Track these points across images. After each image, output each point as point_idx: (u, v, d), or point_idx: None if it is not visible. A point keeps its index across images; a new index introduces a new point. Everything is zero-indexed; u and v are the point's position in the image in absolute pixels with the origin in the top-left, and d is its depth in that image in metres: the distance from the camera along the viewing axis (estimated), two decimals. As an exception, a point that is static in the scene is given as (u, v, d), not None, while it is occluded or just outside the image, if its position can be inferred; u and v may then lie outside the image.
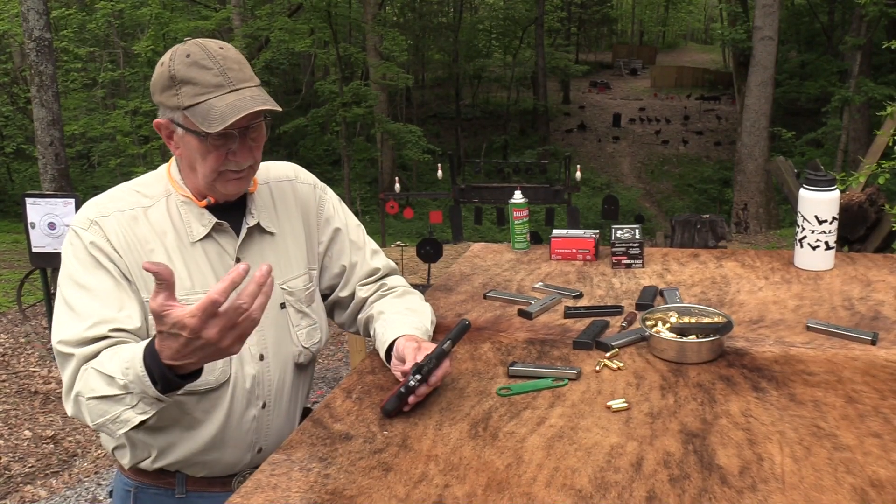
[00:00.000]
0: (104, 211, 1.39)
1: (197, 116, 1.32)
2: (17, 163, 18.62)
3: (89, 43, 17.37)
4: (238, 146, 1.36)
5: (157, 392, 1.20)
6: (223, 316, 1.11)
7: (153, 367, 1.19)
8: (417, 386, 1.30)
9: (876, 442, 1.18)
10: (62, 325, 1.33)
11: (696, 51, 48.55)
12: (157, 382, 1.20)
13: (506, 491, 1.08)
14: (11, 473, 4.22)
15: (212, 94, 1.32)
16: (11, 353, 6.12)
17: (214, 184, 1.40)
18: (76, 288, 1.35)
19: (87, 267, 1.36)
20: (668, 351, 1.51)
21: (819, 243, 1.99)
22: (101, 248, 1.36)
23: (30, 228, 5.47)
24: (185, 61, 1.33)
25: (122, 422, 1.25)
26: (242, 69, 1.37)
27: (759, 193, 15.04)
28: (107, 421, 1.26)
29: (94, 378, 1.26)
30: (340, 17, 18.88)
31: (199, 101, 1.32)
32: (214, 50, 1.35)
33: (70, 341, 1.30)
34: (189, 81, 1.33)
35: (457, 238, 8.89)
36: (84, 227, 1.38)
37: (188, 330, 1.11)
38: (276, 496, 1.11)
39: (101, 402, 1.25)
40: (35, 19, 6.66)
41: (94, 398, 1.26)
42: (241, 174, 1.40)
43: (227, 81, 1.33)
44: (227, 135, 1.34)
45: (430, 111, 30.17)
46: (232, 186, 1.41)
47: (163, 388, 1.20)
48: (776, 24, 14.62)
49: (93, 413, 1.27)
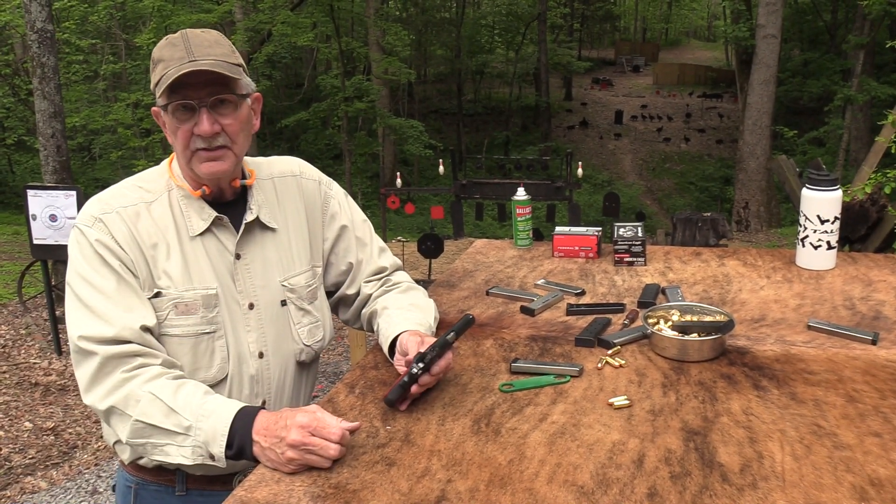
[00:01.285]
0: (107, 208, 1.39)
1: (158, 88, 1.35)
2: (19, 154, 18.60)
3: (91, 35, 17.33)
4: (201, 118, 1.35)
5: (224, 455, 1.23)
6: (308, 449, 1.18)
7: (240, 431, 1.23)
8: (420, 374, 1.30)
9: (876, 441, 1.18)
10: (81, 322, 1.33)
11: (698, 48, 48.45)
12: (231, 447, 1.23)
13: (508, 486, 1.09)
14: (12, 465, 4.23)
15: (173, 66, 1.33)
16: (12, 345, 6.13)
17: (191, 165, 1.40)
18: (88, 286, 1.35)
19: (95, 266, 1.36)
20: (670, 349, 1.51)
21: (821, 243, 1.99)
22: (106, 246, 1.36)
23: (31, 220, 5.48)
24: (163, 44, 1.37)
25: (163, 453, 1.28)
26: (213, 47, 1.37)
27: (760, 192, 15.04)
28: (146, 444, 1.29)
29: (149, 403, 1.27)
30: (343, 11, 18.82)
31: (163, 74, 1.34)
32: (195, 34, 1.38)
33: (93, 338, 1.31)
34: (161, 59, 1.36)
35: (458, 234, 8.90)
36: (88, 224, 1.38)
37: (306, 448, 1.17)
38: (279, 490, 1.11)
39: (149, 429, 1.27)
40: (37, 11, 6.65)
41: (143, 423, 1.27)
42: (213, 153, 1.38)
43: (188, 55, 1.34)
44: (188, 107, 1.35)
45: (432, 106, 30.13)
46: (206, 167, 1.39)
47: (233, 455, 1.24)
48: (779, 22, 14.59)
49: (134, 432, 1.29)
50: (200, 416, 1.25)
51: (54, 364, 5.72)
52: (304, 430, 1.17)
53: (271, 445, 1.19)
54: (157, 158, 13.66)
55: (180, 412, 1.26)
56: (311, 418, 1.19)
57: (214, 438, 1.24)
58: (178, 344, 1.39)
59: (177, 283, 1.39)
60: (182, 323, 1.39)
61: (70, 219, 5.46)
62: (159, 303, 1.38)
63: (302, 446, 1.16)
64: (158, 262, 1.39)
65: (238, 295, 1.45)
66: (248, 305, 1.46)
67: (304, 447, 1.16)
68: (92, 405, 1.32)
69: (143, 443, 1.29)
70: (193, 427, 1.25)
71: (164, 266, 1.39)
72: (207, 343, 1.41)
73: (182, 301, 1.39)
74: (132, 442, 1.30)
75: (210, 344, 1.41)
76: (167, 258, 1.40)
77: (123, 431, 1.30)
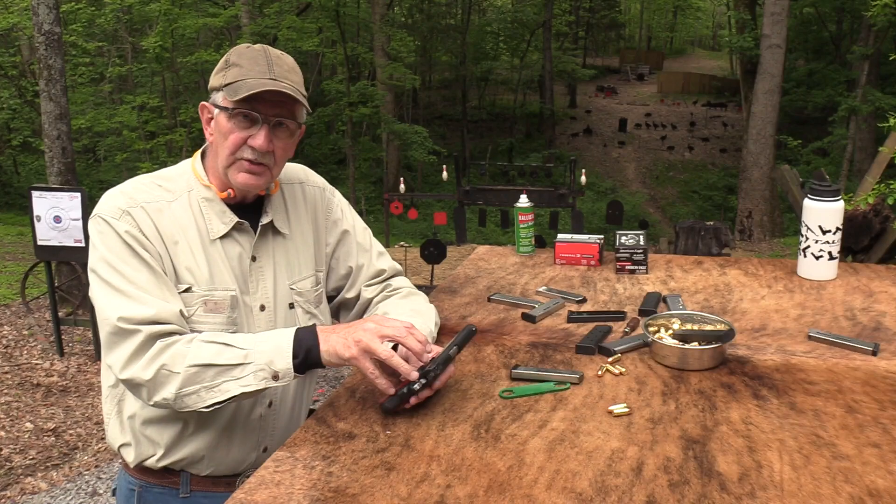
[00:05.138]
0: (132, 202, 1.40)
1: (230, 91, 1.38)
2: (24, 156, 18.67)
3: (98, 38, 17.42)
4: (260, 132, 1.39)
5: (291, 365, 1.27)
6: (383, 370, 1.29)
7: (304, 338, 1.29)
8: (420, 390, 1.31)
9: (875, 452, 1.19)
10: (118, 305, 1.32)
11: (703, 57, 48.52)
12: (297, 356, 1.27)
13: (507, 493, 1.09)
14: (12, 465, 4.24)
15: (252, 77, 1.38)
16: (14, 346, 6.14)
17: (228, 170, 1.42)
18: (118, 275, 1.34)
19: (125, 257, 1.35)
20: (671, 357, 1.52)
21: (822, 253, 1.99)
22: (136, 238, 1.37)
23: (35, 221, 5.49)
24: (244, 51, 1.42)
25: (218, 391, 1.28)
26: (291, 74, 1.42)
27: (763, 201, 15.04)
28: (200, 389, 1.28)
29: (199, 348, 1.29)
30: (349, 16, 18.90)
31: (238, 80, 1.38)
32: (276, 53, 1.43)
33: (133, 319, 1.30)
34: (238, 65, 1.40)
35: (460, 240, 8.90)
36: (115, 216, 1.38)
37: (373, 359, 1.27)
38: (279, 493, 1.12)
39: (203, 370, 1.28)
40: (45, 13, 6.68)
41: (197, 365, 1.28)
42: (256, 167, 1.41)
43: (270, 72, 1.39)
44: (251, 117, 1.38)
45: (437, 112, 30.19)
46: (242, 178, 1.42)
47: (300, 363, 1.28)
48: (784, 32, 14.62)
49: (185, 380, 1.28)
50: (257, 342, 1.29)
51: (56, 365, 5.73)
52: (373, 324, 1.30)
53: (341, 333, 1.29)
54: (162, 161, 13.71)
55: (235, 345, 1.29)
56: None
57: (279, 352, 1.27)
58: None
59: (200, 282, 1.40)
60: (210, 320, 1.40)
61: (74, 220, 5.47)
62: (189, 297, 1.39)
63: (375, 331, 1.26)
64: (180, 260, 1.40)
65: (251, 297, 1.47)
66: (259, 307, 1.47)
67: (377, 331, 1.27)
68: (133, 377, 1.30)
69: (196, 389, 1.28)
70: (252, 352, 1.28)
71: (186, 264, 1.40)
72: None
73: (212, 299, 1.41)
74: (184, 391, 1.28)
75: None
76: (189, 257, 1.41)
77: (172, 386, 1.28)
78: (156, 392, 1.30)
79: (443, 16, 31.03)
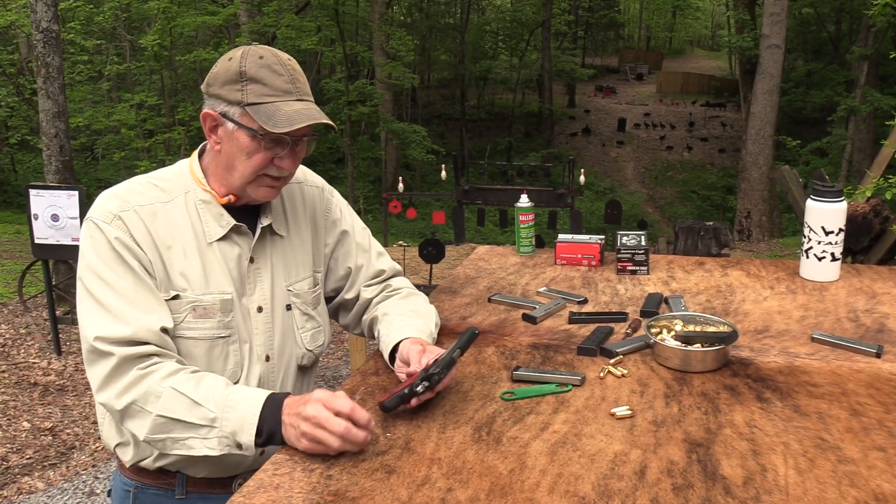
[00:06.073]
0: (125, 206, 1.38)
1: (261, 115, 1.34)
2: (22, 154, 18.62)
3: (96, 35, 17.36)
4: (286, 153, 1.39)
5: (253, 443, 1.24)
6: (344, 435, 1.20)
7: (269, 418, 1.24)
8: (423, 392, 1.30)
9: (880, 455, 1.17)
10: (96, 322, 1.31)
11: (702, 57, 48.54)
12: (260, 434, 1.24)
13: (509, 496, 1.08)
14: (9, 464, 4.22)
15: (280, 98, 1.35)
16: (12, 344, 6.12)
17: (247, 186, 1.41)
18: (103, 285, 1.33)
19: (112, 264, 1.34)
20: (673, 359, 1.51)
21: (825, 254, 1.98)
22: (125, 245, 1.34)
23: (33, 220, 5.48)
24: (257, 62, 1.36)
25: (183, 446, 1.27)
26: (306, 84, 1.41)
27: (762, 201, 15.04)
28: (167, 439, 1.27)
29: (171, 398, 1.26)
30: (348, 15, 18.88)
31: (266, 101, 1.34)
32: (285, 59, 1.39)
33: (109, 339, 1.29)
34: (259, 80, 1.35)
35: (459, 239, 8.89)
36: (107, 220, 1.35)
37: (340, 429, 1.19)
38: (278, 496, 1.10)
39: (171, 424, 1.26)
40: (43, 11, 6.66)
41: (164, 417, 1.26)
42: (277, 182, 1.42)
43: (295, 90, 1.37)
44: (280, 140, 1.37)
45: (436, 111, 30.18)
46: (263, 192, 1.42)
47: (263, 442, 1.24)
48: (783, 32, 14.62)
49: (154, 428, 1.27)
50: (227, 407, 1.26)
51: (53, 364, 5.72)
52: (319, 404, 1.20)
53: (291, 422, 1.22)
54: (160, 160, 13.69)
55: (204, 404, 1.26)
56: (329, 396, 1.22)
57: (243, 427, 1.24)
58: (194, 346, 1.38)
59: (194, 286, 1.39)
60: (199, 326, 1.39)
61: (72, 219, 5.45)
62: (177, 305, 1.37)
63: (314, 419, 1.19)
64: (174, 264, 1.38)
65: (248, 299, 1.45)
66: (256, 309, 1.46)
67: (315, 421, 1.19)
68: (106, 403, 1.30)
69: (164, 438, 1.27)
70: (219, 418, 1.25)
71: (179, 268, 1.38)
72: (222, 347, 1.41)
73: (201, 304, 1.39)
74: (151, 438, 1.28)
75: (225, 348, 1.41)
76: (182, 261, 1.39)
77: (142, 428, 1.28)
78: (126, 423, 1.31)
79: (442, 15, 30.99)
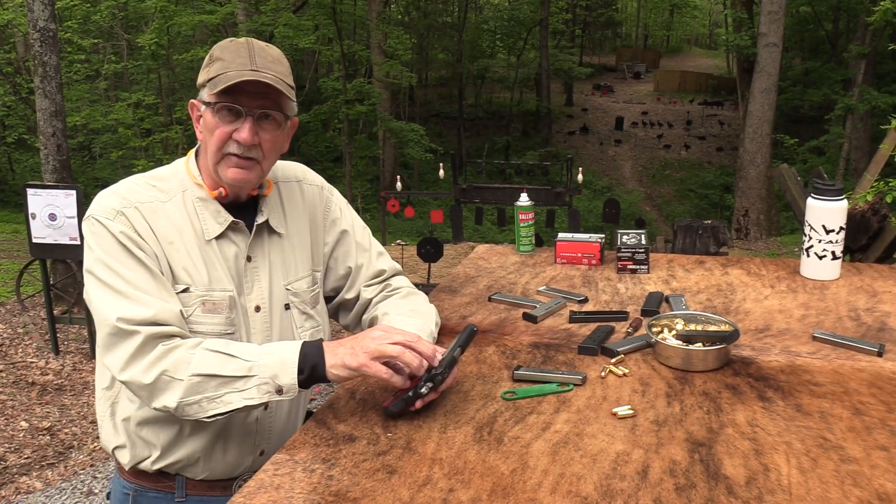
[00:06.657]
0: (126, 203, 1.38)
1: (212, 85, 1.36)
2: (19, 153, 18.58)
3: (93, 34, 17.31)
4: (244, 125, 1.37)
5: (296, 381, 1.26)
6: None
7: (309, 353, 1.27)
8: (427, 393, 1.30)
9: (883, 455, 1.17)
10: (117, 305, 1.30)
11: (700, 56, 48.56)
12: (302, 372, 1.26)
13: (511, 496, 1.07)
14: (7, 464, 4.21)
15: (234, 69, 1.35)
16: (9, 344, 6.10)
17: (218, 167, 1.40)
18: (116, 276, 1.32)
19: (120, 257, 1.33)
20: (674, 358, 1.50)
21: (826, 253, 1.98)
22: (131, 238, 1.34)
23: (30, 219, 5.46)
24: (226, 45, 1.39)
25: (221, 402, 1.26)
26: (275, 64, 1.39)
27: (760, 200, 15.05)
28: (202, 400, 1.26)
29: (203, 357, 1.27)
30: (345, 13, 18.83)
31: (220, 73, 1.35)
32: (260, 45, 1.40)
33: (132, 320, 1.28)
34: (221, 59, 1.37)
35: (457, 238, 8.89)
36: (109, 217, 1.35)
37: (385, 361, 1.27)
38: (279, 497, 1.10)
39: (206, 381, 1.26)
40: (40, 9, 6.63)
41: (198, 375, 1.26)
42: (244, 161, 1.39)
43: (251, 62, 1.36)
44: (234, 110, 1.36)
45: (433, 110, 30.15)
46: (232, 173, 1.39)
47: (305, 379, 1.27)
48: (781, 31, 14.62)
49: (188, 390, 1.26)
50: (262, 355, 1.27)
51: (51, 363, 5.70)
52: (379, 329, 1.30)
53: (347, 344, 1.28)
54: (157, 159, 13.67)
55: (239, 356, 1.27)
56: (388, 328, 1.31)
57: (284, 368, 1.26)
58: None
59: (197, 283, 1.38)
60: (208, 321, 1.38)
61: (70, 218, 5.44)
62: (187, 298, 1.37)
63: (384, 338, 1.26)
64: (176, 260, 1.38)
65: (246, 298, 1.45)
66: (254, 308, 1.45)
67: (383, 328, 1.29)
68: (132, 380, 1.28)
69: (199, 399, 1.26)
70: (256, 365, 1.26)
71: (182, 264, 1.38)
72: None
73: (210, 299, 1.39)
74: (185, 401, 1.26)
75: None
76: (185, 258, 1.39)
77: (174, 396, 1.26)
78: (156, 397, 1.28)
79: (439, 13, 30.94)
